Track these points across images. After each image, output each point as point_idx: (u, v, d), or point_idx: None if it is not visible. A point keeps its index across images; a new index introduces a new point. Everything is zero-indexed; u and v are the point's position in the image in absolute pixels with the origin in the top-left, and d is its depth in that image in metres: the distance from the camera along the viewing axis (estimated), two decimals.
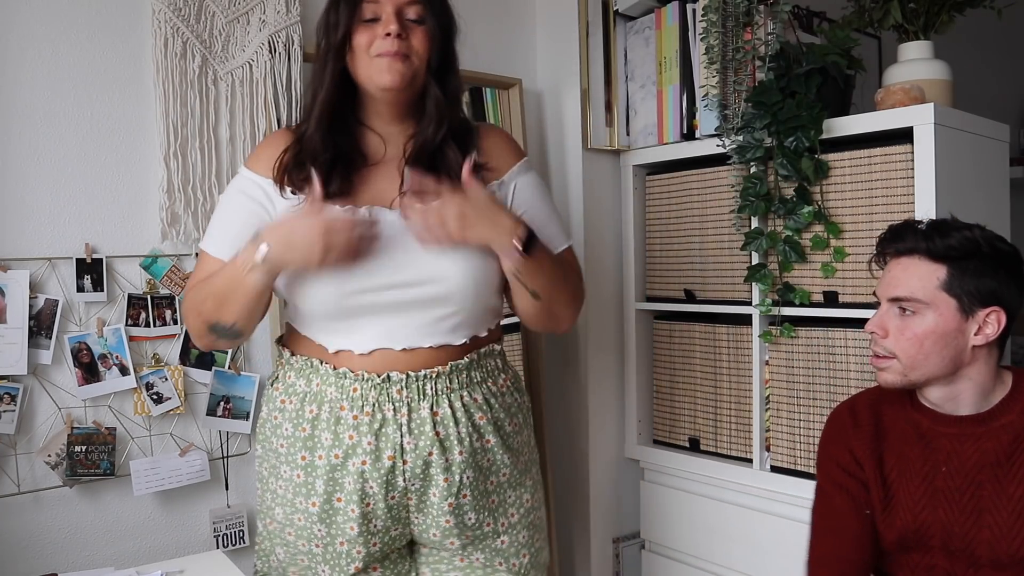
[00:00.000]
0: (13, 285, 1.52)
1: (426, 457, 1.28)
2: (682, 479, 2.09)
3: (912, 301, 1.26)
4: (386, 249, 1.26)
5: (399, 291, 1.26)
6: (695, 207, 2.02)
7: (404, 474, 1.28)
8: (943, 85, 1.79)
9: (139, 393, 1.65)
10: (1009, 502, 1.23)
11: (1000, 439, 1.25)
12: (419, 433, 1.28)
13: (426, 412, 1.28)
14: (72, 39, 1.59)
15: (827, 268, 1.76)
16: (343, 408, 1.28)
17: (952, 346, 1.26)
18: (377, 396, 1.27)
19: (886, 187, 1.67)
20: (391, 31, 1.25)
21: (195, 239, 1.70)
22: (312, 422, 1.30)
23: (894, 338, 1.28)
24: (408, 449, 1.27)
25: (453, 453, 1.29)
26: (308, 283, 1.26)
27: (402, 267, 1.26)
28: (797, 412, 1.84)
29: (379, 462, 1.27)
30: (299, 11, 1.78)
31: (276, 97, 1.75)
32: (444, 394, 1.29)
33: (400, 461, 1.27)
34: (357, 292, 1.25)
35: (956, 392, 1.29)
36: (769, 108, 1.76)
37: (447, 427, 1.29)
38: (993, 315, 1.25)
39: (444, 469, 1.28)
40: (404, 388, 1.27)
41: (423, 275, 1.26)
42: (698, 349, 2.05)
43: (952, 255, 1.25)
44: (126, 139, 1.65)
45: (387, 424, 1.27)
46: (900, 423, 1.35)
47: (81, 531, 1.61)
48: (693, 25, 2.00)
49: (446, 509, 1.30)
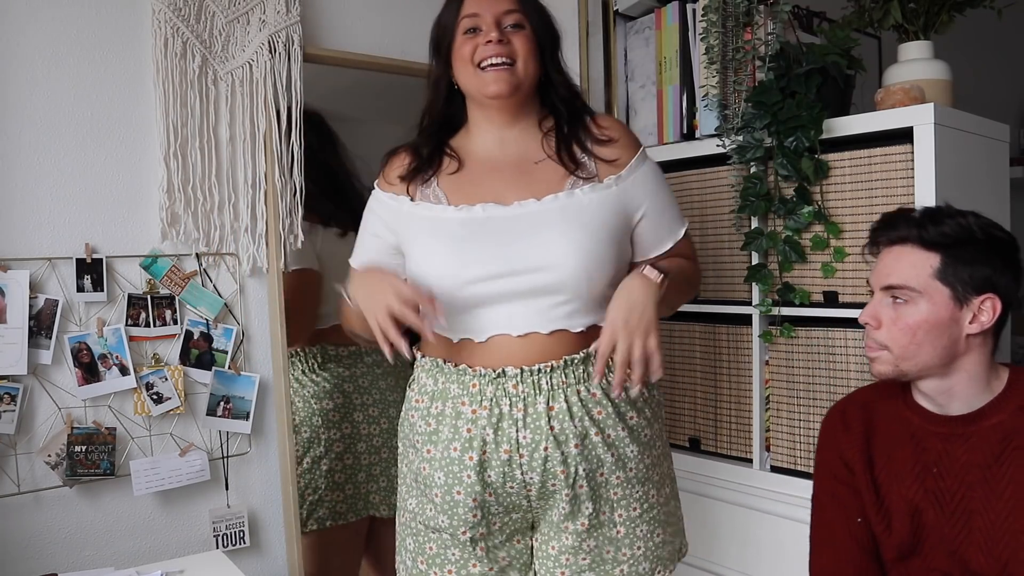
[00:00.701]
0: (13, 285, 1.52)
1: (543, 452, 1.31)
2: (682, 479, 2.07)
3: (905, 289, 1.24)
4: (497, 240, 1.32)
5: (513, 279, 1.31)
6: (695, 207, 2.02)
7: (521, 467, 1.31)
8: (943, 85, 1.79)
9: (139, 393, 1.65)
10: (999, 503, 1.21)
11: (990, 439, 1.23)
12: (535, 428, 1.31)
13: (542, 407, 1.31)
14: (72, 39, 1.59)
15: (827, 268, 1.76)
16: (463, 403, 1.33)
17: (946, 335, 1.23)
18: (494, 391, 1.31)
19: (886, 187, 1.67)
20: (492, 38, 1.33)
21: (195, 239, 1.71)
22: (437, 418, 1.35)
23: (887, 328, 1.26)
24: (524, 444, 1.30)
25: (569, 447, 1.31)
26: (425, 277, 1.34)
27: (515, 256, 1.31)
28: (797, 412, 1.84)
29: (496, 454, 1.31)
30: (299, 11, 1.78)
31: (276, 97, 1.75)
32: (560, 389, 1.32)
33: (516, 455, 1.31)
34: (472, 282, 1.32)
35: (950, 385, 1.26)
36: (769, 108, 1.76)
37: (562, 422, 1.31)
38: (988, 302, 1.22)
39: (560, 462, 1.31)
40: (520, 383, 1.31)
41: (536, 263, 1.31)
42: (698, 349, 2.05)
43: (945, 242, 1.22)
44: (126, 139, 1.65)
45: (504, 419, 1.31)
46: (891, 423, 1.33)
47: (81, 531, 1.61)
48: (693, 25, 2.01)
49: (564, 498, 1.33)
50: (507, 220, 1.33)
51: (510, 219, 1.33)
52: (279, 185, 1.75)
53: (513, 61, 1.35)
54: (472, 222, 1.34)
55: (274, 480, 1.81)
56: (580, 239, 1.31)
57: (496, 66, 1.34)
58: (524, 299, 1.32)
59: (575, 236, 1.31)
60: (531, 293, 1.32)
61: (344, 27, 1.89)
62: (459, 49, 1.36)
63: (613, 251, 1.34)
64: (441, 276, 1.33)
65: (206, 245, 1.72)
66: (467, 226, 1.34)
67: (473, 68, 1.35)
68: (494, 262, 1.32)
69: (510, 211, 1.34)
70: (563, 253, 1.31)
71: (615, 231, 1.35)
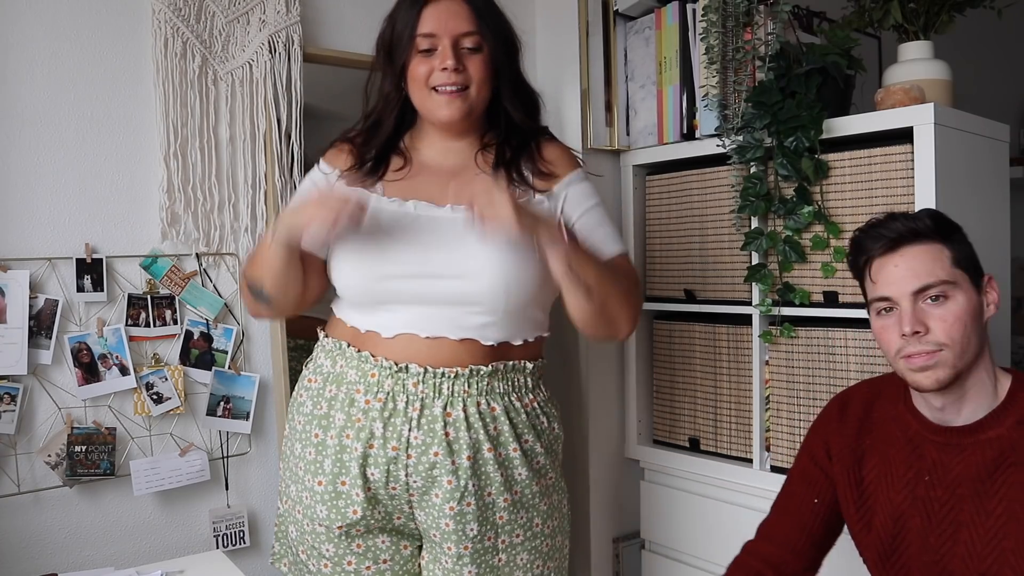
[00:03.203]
0: (13, 285, 1.52)
1: (432, 456, 1.28)
2: (682, 479, 2.09)
3: (941, 284, 1.18)
4: (421, 240, 1.30)
5: (428, 281, 1.29)
6: (695, 207, 2.02)
7: (407, 468, 1.29)
8: (943, 85, 1.79)
9: (139, 393, 1.65)
10: (988, 519, 1.18)
11: (985, 453, 1.20)
12: (428, 430, 1.28)
13: (439, 411, 1.29)
14: (72, 39, 1.59)
15: (827, 268, 1.76)
16: (358, 391, 1.31)
17: (979, 322, 1.20)
18: (392, 385, 1.29)
19: (886, 187, 1.67)
20: (448, 66, 1.30)
21: (195, 239, 1.71)
22: (330, 401, 1.33)
23: (938, 328, 1.18)
24: (414, 444, 1.28)
25: (461, 457, 1.29)
26: (342, 265, 1.33)
27: (434, 259, 1.29)
28: (797, 412, 1.84)
29: (383, 450, 1.28)
30: (299, 11, 1.78)
31: (276, 97, 1.75)
32: (460, 397, 1.30)
33: (404, 454, 1.28)
34: (385, 277, 1.30)
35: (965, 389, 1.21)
36: (769, 108, 1.76)
37: (458, 430, 1.29)
38: (992, 282, 1.22)
39: (450, 472, 1.28)
40: (420, 382, 1.29)
41: (454, 270, 1.28)
42: (698, 349, 2.05)
43: (941, 231, 1.20)
44: (126, 139, 1.65)
45: (396, 415, 1.29)
46: (890, 423, 1.32)
47: (81, 531, 1.61)
48: (693, 25, 2.00)
49: (447, 512, 1.30)
50: (435, 221, 1.32)
51: (438, 221, 1.32)
52: (279, 185, 1.75)
53: (467, 87, 1.33)
54: (403, 216, 1.32)
55: (274, 480, 1.81)
56: (502, 252, 1.26)
57: (449, 92, 1.32)
58: (439, 304, 1.30)
59: (497, 249, 1.26)
60: (446, 299, 1.30)
61: (344, 27, 1.89)
62: (414, 69, 1.34)
63: (536, 269, 1.28)
64: (355, 267, 1.31)
65: (206, 245, 1.72)
66: (396, 220, 1.32)
67: (427, 90, 1.34)
68: (411, 261, 1.30)
69: (441, 213, 1.32)
70: (483, 264, 1.27)
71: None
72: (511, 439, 1.33)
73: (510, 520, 1.34)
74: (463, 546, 1.32)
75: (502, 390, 1.34)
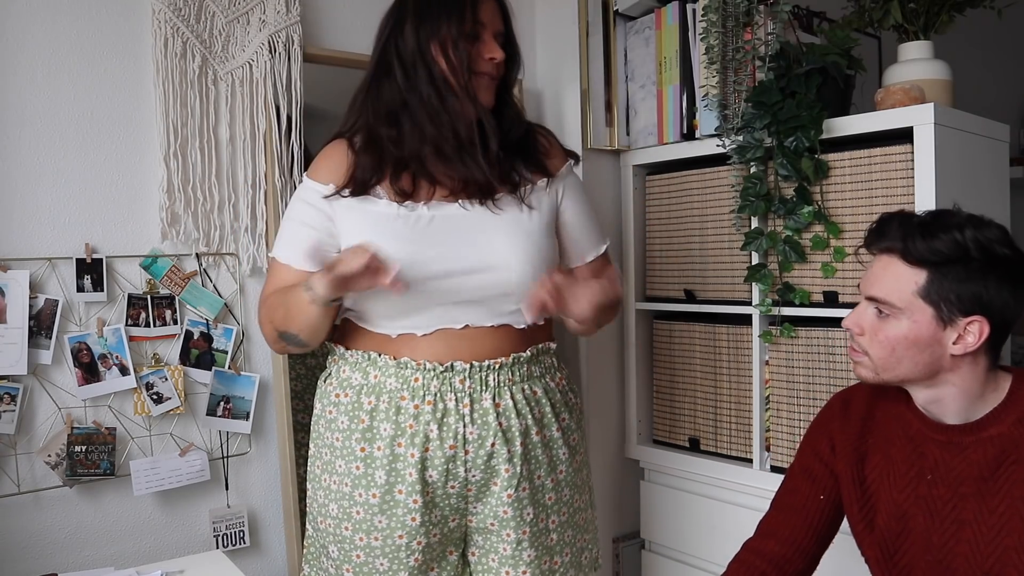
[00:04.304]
0: (13, 285, 1.52)
1: (489, 448, 1.31)
2: (682, 479, 2.09)
3: (886, 304, 1.20)
4: (445, 242, 1.32)
5: (459, 279, 1.31)
6: (695, 207, 2.02)
7: (466, 464, 1.31)
8: (943, 85, 1.79)
9: (139, 393, 1.65)
10: (991, 517, 1.18)
11: (987, 451, 1.20)
12: (482, 423, 1.31)
13: (489, 403, 1.31)
14: (72, 39, 1.59)
15: (827, 268, 1.76)
16: (403, 398, 1.31)
17: (927, 353, 1.19)
18: (440, 386, 1.31)
19: (886, 187, 1.67)
20: (497, 57, 1.34)
21: (195, 239, 1.71)
22: (371, 413, 1.32)
23: (868, 337, 1.23)
24: (471, 439, 1.31)
25: (515, 444, 1.32)
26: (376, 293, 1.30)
27: (460, 257, 1.31)
28: (797, 412, 1.84)
29: (440, 450, 1.30)
30: (299, 11, 1.78)
31: (276, 97, 1.75)
32: (506, 386, 1.33)
33: (462, 451, 1.31)
34: (415, 283, 1.30)
35: (939, 396, 1.23)
36: (769, 108, 1.76)
37: (509, 419, 1.32)
38: (975, 324, 1.16)
39: (506, 460, 1.31)
40: (467, 378, 1.31)
41: (482, 263, 1.31)
42: (698, 349, 2.05)
43: (934, 260, 1.15)
44: (126, 139, 1.65)
45: (449, 414, 1.31)
46: (892, 421, 1.32)
47: (81, 531, 1.61)
48: (693, 25, 2.00)
49: (505, 500, 1.33)
50: (451, 220, 1.33)
51: (455, 219, 1.33)
52: (279, 185, 1.75)
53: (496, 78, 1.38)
54: (418, 220, 1.32)
55: (274, 480, 1.81)
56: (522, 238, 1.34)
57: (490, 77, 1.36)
58: (473, 298, 1.32)
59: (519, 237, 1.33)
60: (480, 293, 1.32)
61: (344, 27, 1.89)
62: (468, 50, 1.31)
63: (552, 248, 1.38)
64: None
65: (206, 245, 1.72)
66: (412, 224, 1.32)
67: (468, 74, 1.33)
68: (442, 261, 1.31)
69: (452, 210, 1.33)
70: (509, 253, 1.32)
71: (550, 227, 1.39)
72: (552, 420, 1.37)
73: (557, 500, 1.38)
74: (522, 531, 1.34)
75: (539, 373, 1.39)
